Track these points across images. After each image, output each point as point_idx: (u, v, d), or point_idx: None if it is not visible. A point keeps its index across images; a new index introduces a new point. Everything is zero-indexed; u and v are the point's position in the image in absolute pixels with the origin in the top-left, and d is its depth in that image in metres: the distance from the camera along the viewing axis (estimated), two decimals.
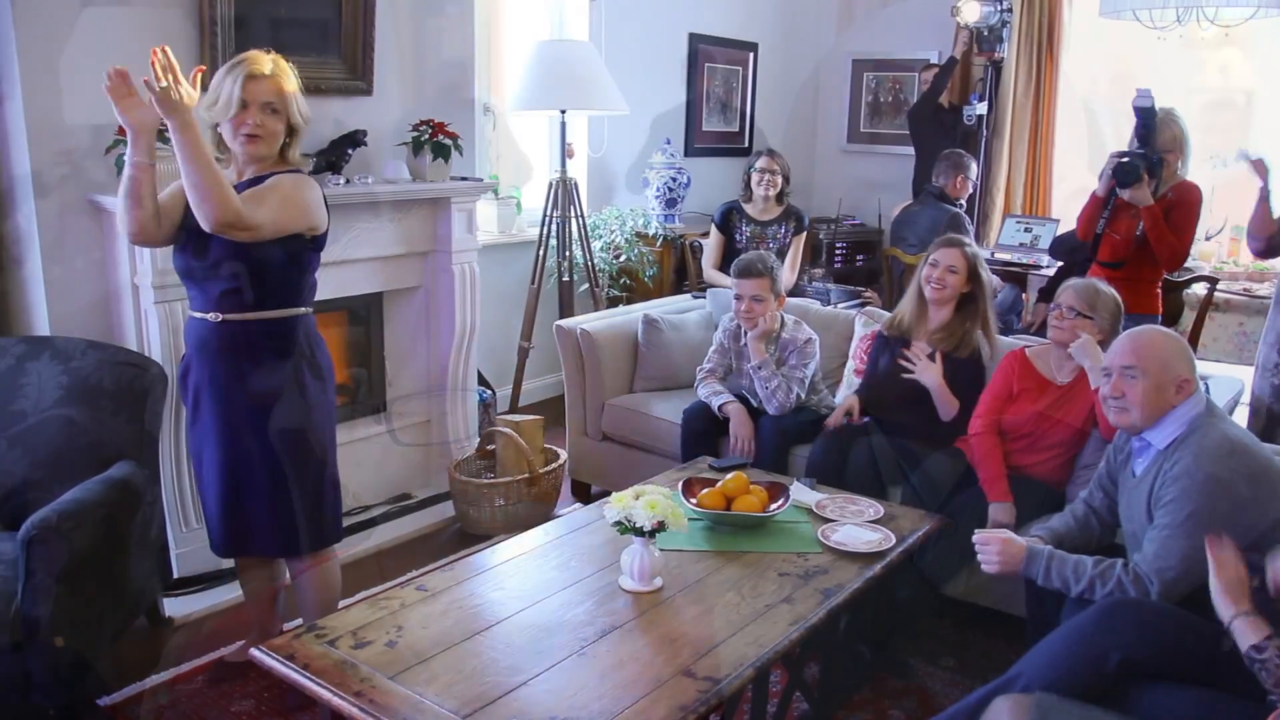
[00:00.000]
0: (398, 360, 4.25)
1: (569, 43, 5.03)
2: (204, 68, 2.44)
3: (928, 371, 3.33)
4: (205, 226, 2.34)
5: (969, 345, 3.37)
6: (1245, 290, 5.24)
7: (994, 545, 2.43)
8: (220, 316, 2.51)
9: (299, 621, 2.84)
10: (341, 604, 2.71)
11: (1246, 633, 1.88)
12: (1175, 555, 2.21)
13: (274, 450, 2.58)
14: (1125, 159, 3.69)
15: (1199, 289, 4.96)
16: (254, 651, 2.07)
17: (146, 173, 2.37)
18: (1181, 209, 3.77)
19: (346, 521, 3.77)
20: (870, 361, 3.60)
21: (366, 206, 3.75)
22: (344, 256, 3.71)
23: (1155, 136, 3.72)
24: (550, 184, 4.84)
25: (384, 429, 4.11)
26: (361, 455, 3.99)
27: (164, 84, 2.24)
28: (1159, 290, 3.97)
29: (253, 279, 2.49)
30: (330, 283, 3.68)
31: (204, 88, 2.40)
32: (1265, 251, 3.63)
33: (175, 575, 3.21)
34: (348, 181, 3.64)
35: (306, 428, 2.63)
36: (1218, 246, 5.85)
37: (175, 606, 3.21)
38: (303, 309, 2.63)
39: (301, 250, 2.56)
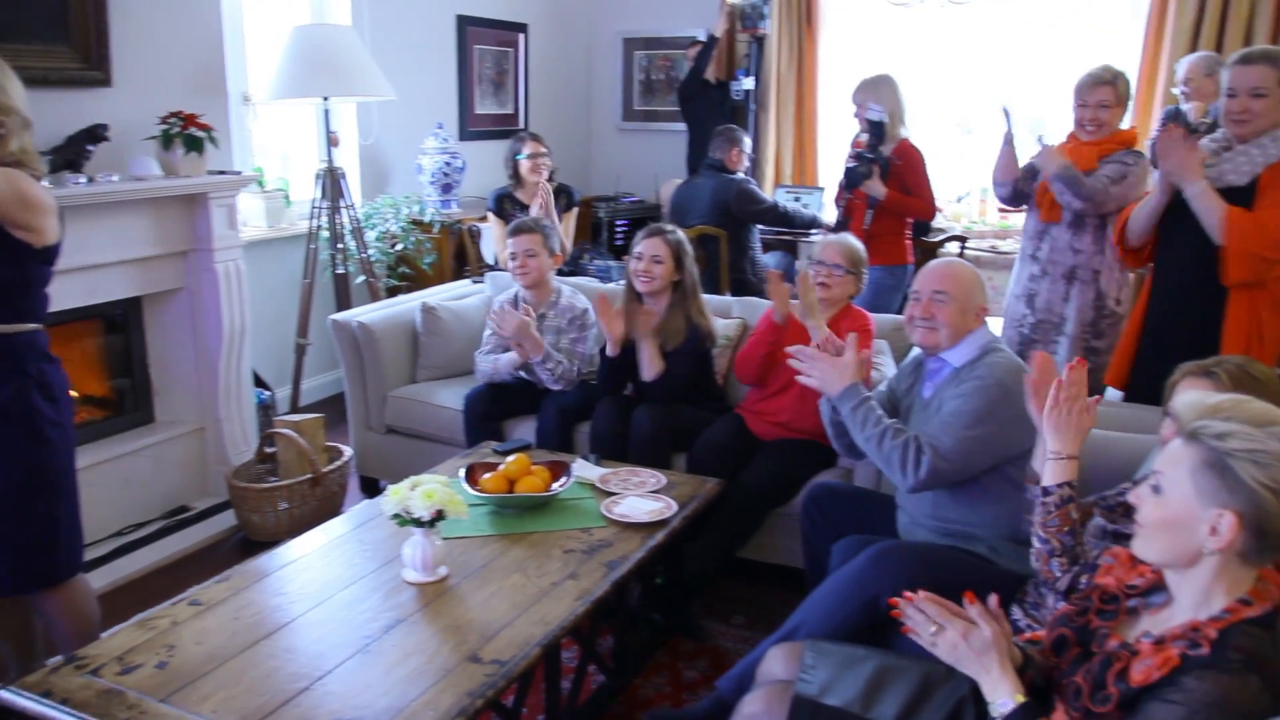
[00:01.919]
0: (163, 367, 4.02)
1: (328, 27, 4.86)
2: None
3: (616, 326, 3.39)
4: None
5: (680, 333, 3.44)
6: (992, 247, 5.65)
7: (821, 364, 2.55)
8: None
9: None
10: (108, 632, 2.55)
11: (1054, 472, 2.02)
12: (952, 436, 2.40)
13: None
14: (850, 166, 4.20)
15: (952, 247, 5.33)
16: (3, 693, 1.93)
17: None
18: (909, 171, 4.22)
19: (118, 542, 3.61)
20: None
21: (114, 206, 3.51)
22: (92, 260, 3.47)
23: (884, 143, 4.19)
24: (317, 174, 4.68)
25: (152, 441, 3.88)
26: (129, 471, 3.76)
27: None
28: (908, 241, 4.35)
29: None
30: (79, 289, 3.46)
31: None
32: (1011, 198, 3.92)
33: None
34: (91, 180, 3.39)
35: (35, 457, 2.39)
36: (968, 207, 6.28)
37: None
38: (31, 325, 2.38)
39: (26, 261, 2.32)
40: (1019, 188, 3.82)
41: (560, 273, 4.46)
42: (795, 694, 1.82)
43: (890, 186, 4.22)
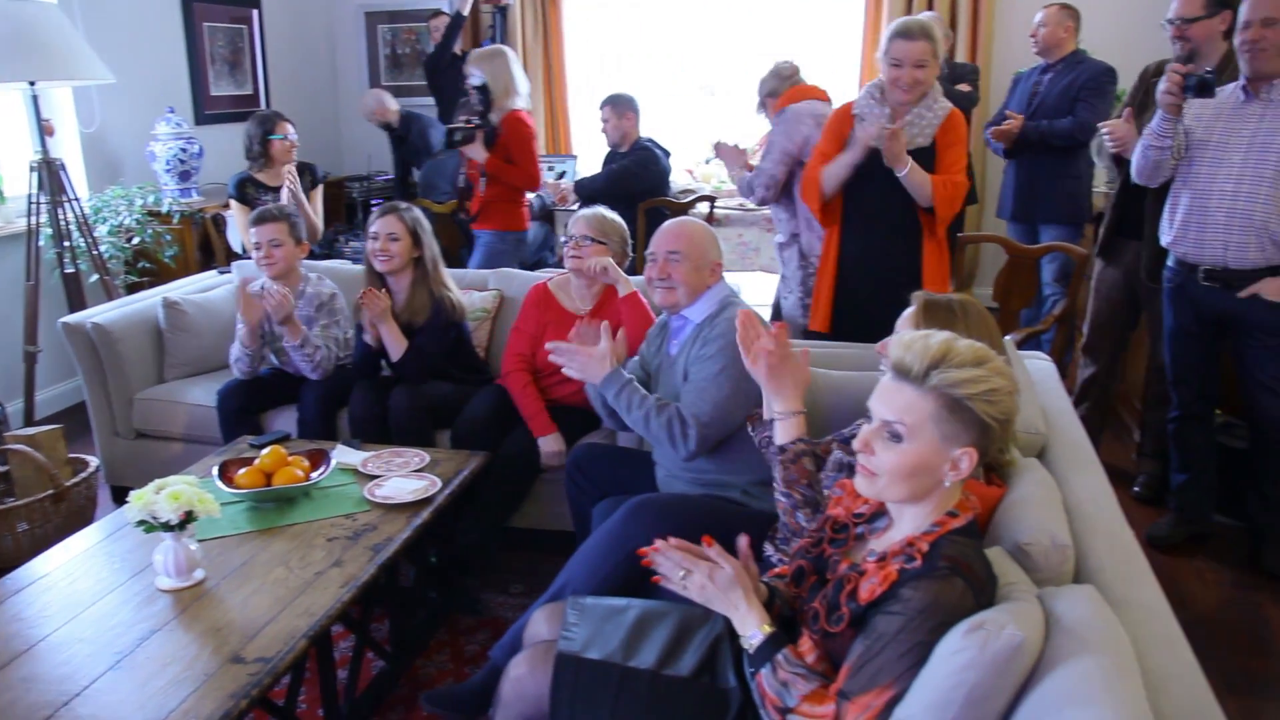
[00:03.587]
0: None
1: (26, 4, 4.45)
2: None
3: (376, 308, 3.33)
4: None
5: (426, 309, 3.42)
6: (740, 205, 5.89)
7: (580, 357, 2.60)
8: None
9: None
10: None
11: (783, 431, 2.16)
12: (709, 402, 2.51)
13: None
14: (450, 128, 4.35)
15: (702, 207, 5.52)
16: None
17: None
18: (514, 142, 4.36)
19: None
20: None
21: None
22: None
23: (493, 110, 4.35)
24: (32, 166, 4.32)
25: None
26: None
27: None
28: (524, 209, 4.58)
29: None
30: None
31: None
32: (761, 202, 4.12)
33: None
34: None
35: None
36: (716, 168, 6.51)
37: None
38: None
39: None
40: (760, 198, 4.05)
41: (313, 255, 4.33)
42: (558, 652, 1.87)
43: (496, 155, 4.34)
